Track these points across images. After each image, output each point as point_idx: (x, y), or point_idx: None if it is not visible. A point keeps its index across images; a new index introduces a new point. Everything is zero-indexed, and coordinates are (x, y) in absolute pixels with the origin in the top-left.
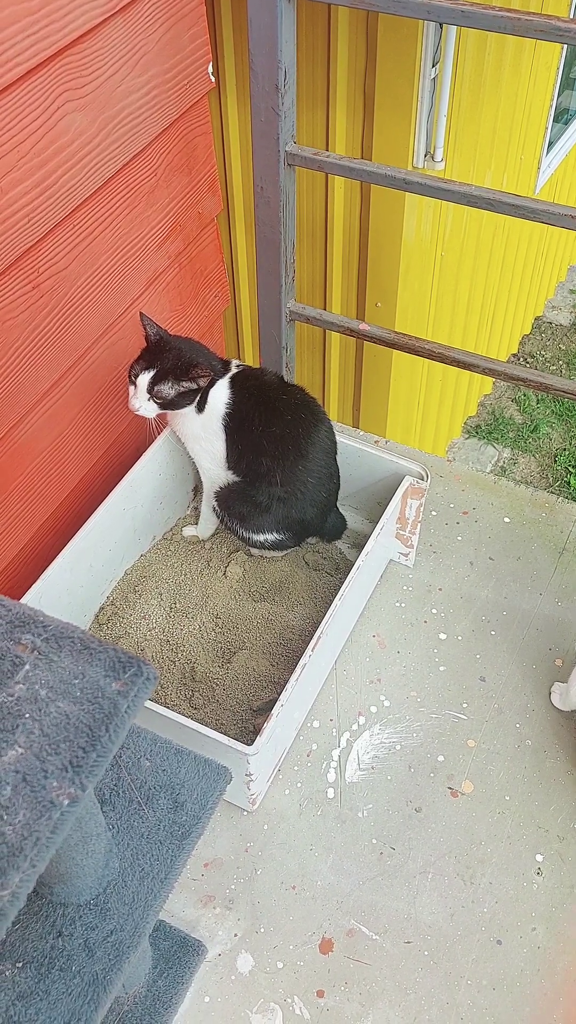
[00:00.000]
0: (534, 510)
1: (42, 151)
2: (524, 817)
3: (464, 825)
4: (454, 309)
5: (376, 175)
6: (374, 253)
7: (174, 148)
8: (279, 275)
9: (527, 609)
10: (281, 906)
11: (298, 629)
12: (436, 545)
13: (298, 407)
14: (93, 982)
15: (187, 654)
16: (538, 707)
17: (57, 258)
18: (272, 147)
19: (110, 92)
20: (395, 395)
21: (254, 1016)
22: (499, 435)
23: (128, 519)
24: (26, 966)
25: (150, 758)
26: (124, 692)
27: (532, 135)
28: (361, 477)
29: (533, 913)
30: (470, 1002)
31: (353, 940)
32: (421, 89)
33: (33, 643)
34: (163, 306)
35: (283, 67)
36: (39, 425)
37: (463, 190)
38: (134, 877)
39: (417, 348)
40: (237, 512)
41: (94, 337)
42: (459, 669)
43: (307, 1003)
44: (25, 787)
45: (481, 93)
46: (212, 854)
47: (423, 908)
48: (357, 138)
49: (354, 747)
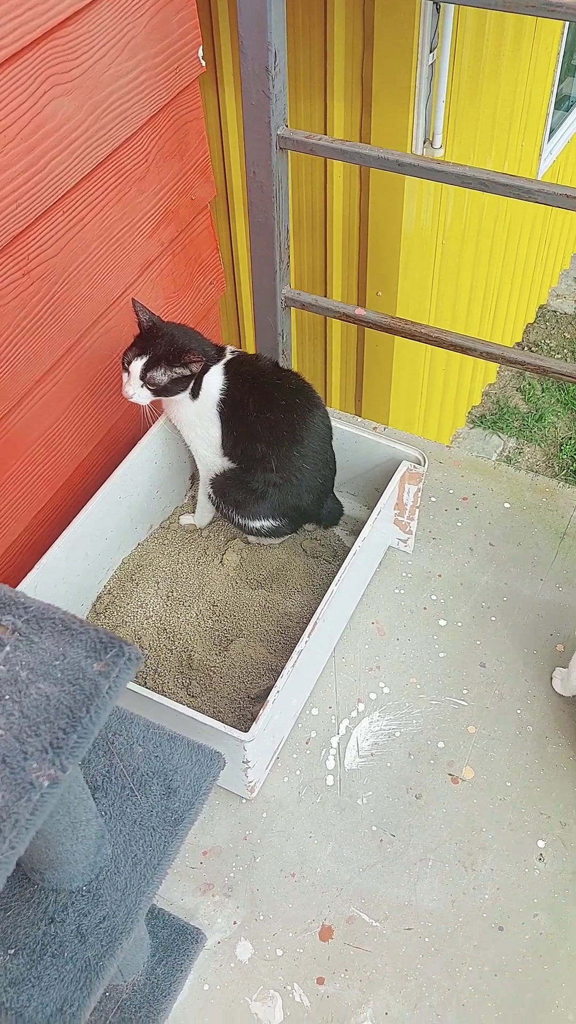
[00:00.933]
0: (534, 495)
1: (29, 136)
2: (525, 803)
3: (465, 811)
4: (456, 298)
5: (369, 157)
6: (374, 242)
7: (165, 133)
8: (273, 261)
9: (528, 595)
10: (280, 894)
11: (296, 616)
12: (435, 531)
13: (293, 392)
14: (85, 968)
15: (184, 642)
16: (539, 693)
17: (47, 244)
18: (263, 131)
19: (98, 76)
20: (397, 384)
21: (253, 1004)
22: (504, 424)
23: (124, 508)
24: (18, 952)
25: (143, 744)
26: (105, 673)
27: (533, 122)
28: (358, 463)
29: (535, 899)
30: (471, 988)
31: (353, 927)
32: (419, 75)
33: (13, 624)
34: (157, 293)
35: (273, 49)
36: (33, 413)
37: (458, 171)
38: (127, 863)
39: (414, 333)
40: (233, 499)
41: (87, 325)
42: (459, 655)
43: (307, 990)
44: (4, 768)
45: (480, 79)
46: (211, 842)
47: (424, 895)
48: (355, 125)
49: (353, 734)
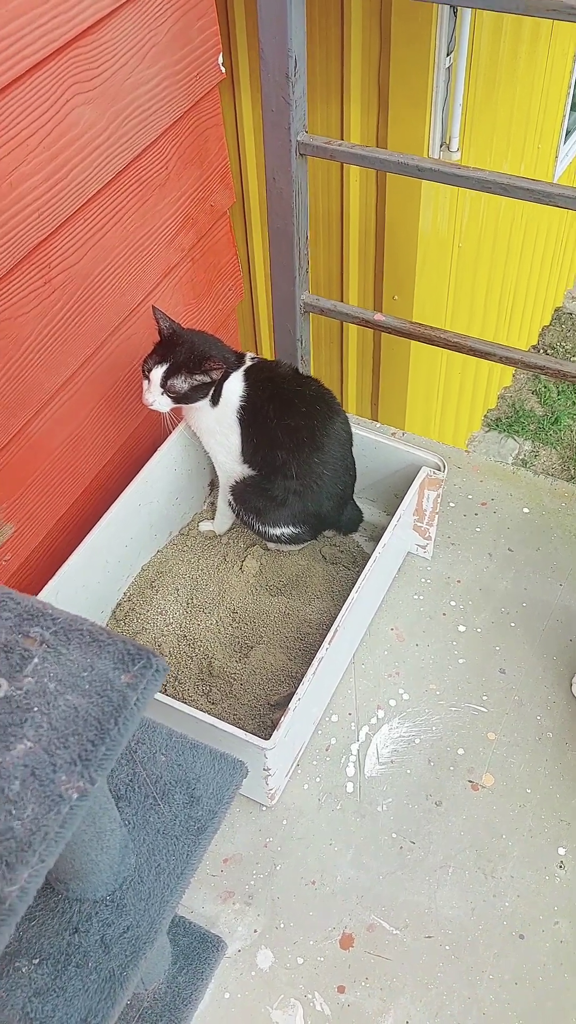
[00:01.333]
0: (554, 500)
1: (51, 145)
2: (546, 810)
3: (485, 818)
4: (472, 301)
5: (388, 162)
6: (390, 246)
7: (185, 140)
8: (293, 267)
9: (547, 600)
10: (301, 901)
11: (315, 623)
12: (454, 537)
13: (313, 399)
14: (110, 978)
15: (204, 649)
16: (559, 699)
17: (68, 253)
18: (283, 137)
19: (119, 84)
20: (414, 388)
21: (274, 1012)
22: (520, 428)
23: (144, 515)
24: (43, 962)
25: (165, 753)
26: (133, 685)
27: (549, 125)
28: (377, 469)
29: (556, 907)
30: (492, 997)
31: (373, 935)
32: (436, 79)
33: (42, 636)
34: (177, 300)
35: (293, 56)
36: (54, 421)
37: (476, 176)
38: (150, 873)
39: (432, 338)
40: (253, 506)
41: (108, 332)
42: (478, 661)
43: (328, 999)
44: (34, 781)
45: (497, 82)
46: (231, 850)
47: (444, 902)
48: (372, 130)
49: (373, 741)
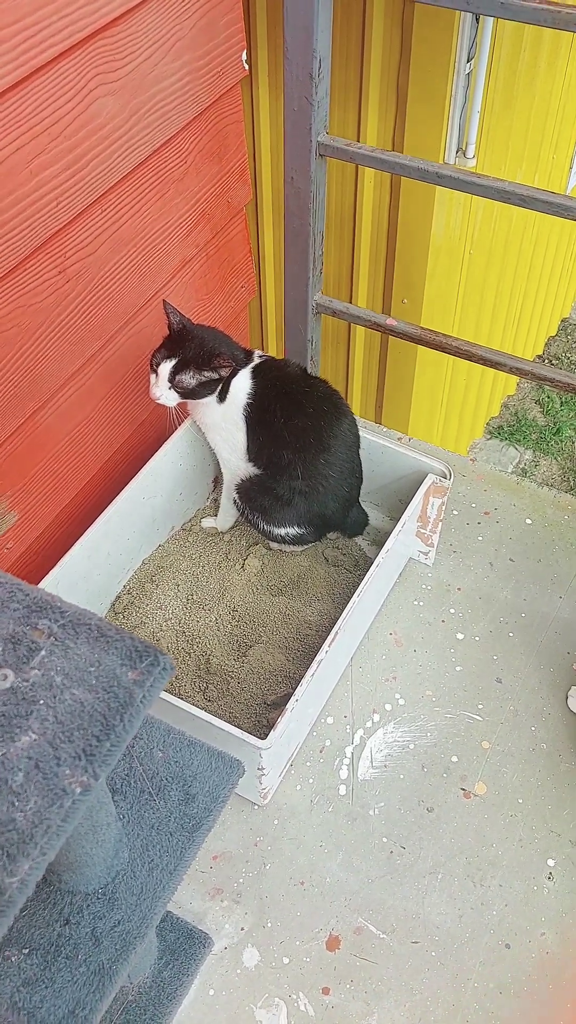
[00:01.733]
0: (556, 512)
1: (73, 134)
2: (537, 821)
3: (476, 827)
4: (480, 308)
5: (408, 168)
6: (402, 249)
7: (205, 136)
8: (307, 267)
9: (546, 612)
10: (289, 901)
11: (315, 624)
12: (456, 545)
13: (321, 400)
14: (99, 971)
15: (203, 646)
16: (554, 711)
17: (84, 243)
18: (304, 137)
19: (143, 77)
20: (419, 392)
21: (258, 1011)
22: (521, 436)
23: (147, 508)
24: (32, 953)
25: (163, 749)
26: (140, 682)
27: (565, 134)
28: (383, 474)
29: (543, 918)
30: (476, 1005)
31: (360, 938)
32: (455, 85)
33: (50, 629)
34: (189, 295)
35: (318, 56)
36: (61, 411)
37: (497, 186)
38: (143, 868)
39: (443, 345)
40: (259, 505)
41: (119, 324)
42: (475, 670)
43: (312, 1000)
44: (37, 774)
45: (515, 90)
46: (221, 847)
47: (432, 909)
48: (388, 133)
49: (367, 744)
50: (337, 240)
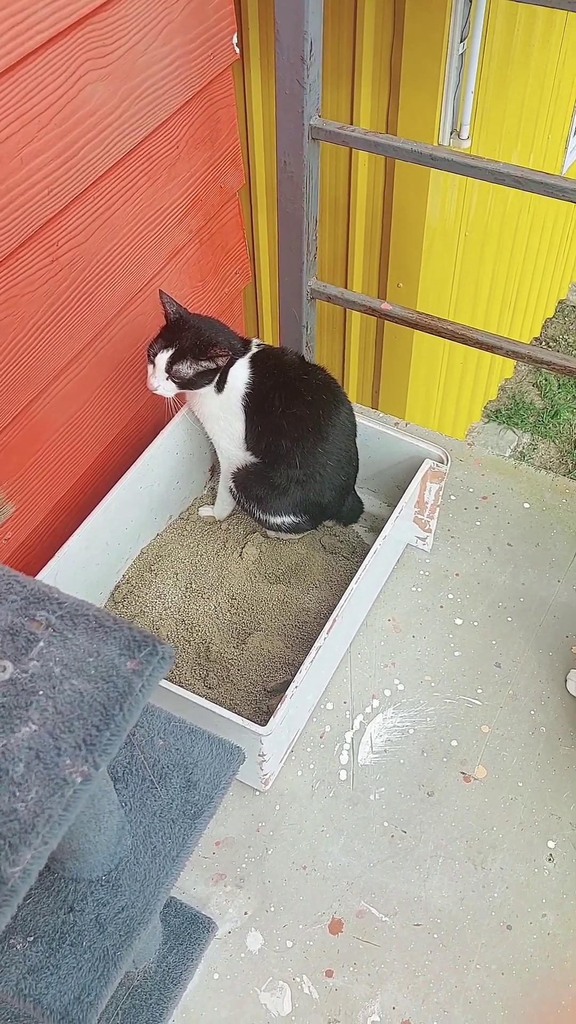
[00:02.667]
0: (554, 496)
1: (63, 121)
2: (536, 803)
3: (476, 810)
4: (476, 291)
5: (402, 151)
6: (397, 232)
7: (197, 120)
8: (301, 252)
9: (545, 596)
10: (292, 886)
11: (313, 611)
12: (454, 530)
13: (319, 388)
14: (103, 958)
15: (202, 634)
16: (553, 694)
17: (77, 231)
18: (296, 120)
19: (133, 62)
20: (415, 377)
21: (263, 994)
22: (519, 420)
23: (144, 498)
24: (37, 940)
25: (163, 737)
26: (139, 671)
27: (560, 115)
28: (380, 460)
29: (543, 899)
30: (478, 986)
31: (363, 921)
32: (449, 65)
33: (48, 620)
34: (183, 282)
35: (309, 38)
36: (57, 401)
37: (491, 167)
38: (146, 855)
39: (440, 329)
40: (255, 494)
41: (113, 313)
42: (474, 654)
43: (316, 982)
44: (38, 764)
45: (509, 70)
46: (224, 833)
47: (433, 891)
48: (382, 115)
49: (367, 730)
50: (331, 225)
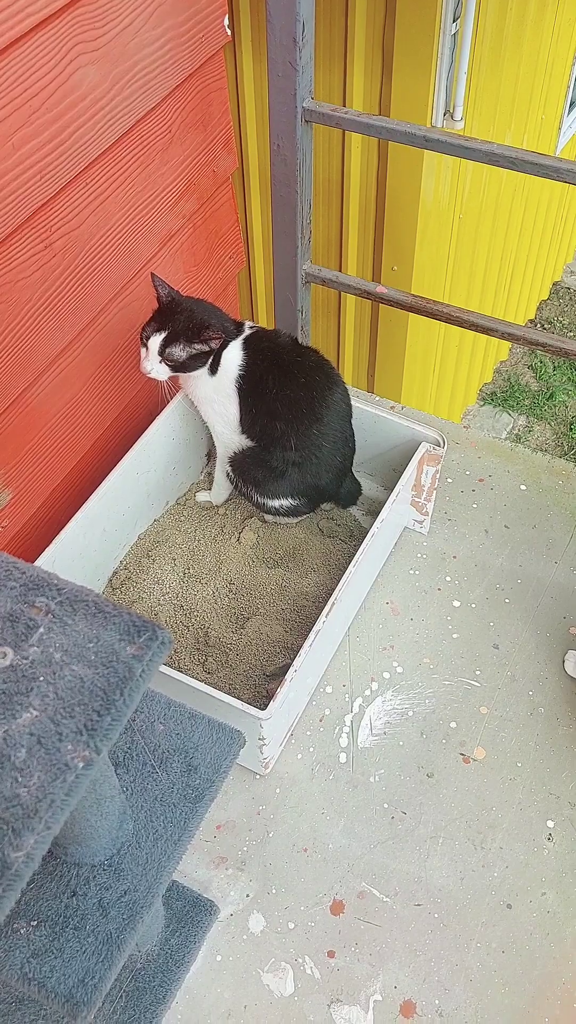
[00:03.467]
0: (551, 478)
1: (55, 106)
2: (535, 783)
3: (475, 791)
4: (471, 273)
5: (396, 132)
6: (391, 215)
7: (189, 104)
8: (295, 236)
9: (542, 577)
10: (293, 868)
11: (312, 595)
12: (451, 512)
13: (313, 370)
14: (107, 941)
15: (201, 619)
16: (551, 675)
17: (70, 216)
18: (289, 103)
19: (124, 45)
20: (411, 360)
21: (265, 975)
22: (515, 402)
23: (141, 484)
24: (41, 924)
25: (164, 722)
26: (139, 656)
27: (553, 95)
28: (376, 443)
29: (543, 878)
30: (479, 964)
31: (364, 902)
32: (441, 45)
33: (47, 606)
34: (177, 267)
35: (301, 19)
36: (52, 387)
37: (485, 148)
38: (148, 839)
39: (435, 312)
40: (252, 478)
41: (107, 298)
42: (472, 636)
43: (318, 963)
44: (40, 749)
45: (502, 50)
46: (225, 816)
47: (434, 872)
48: (375, 96)
49: (367, 712)
50: (325, 208)
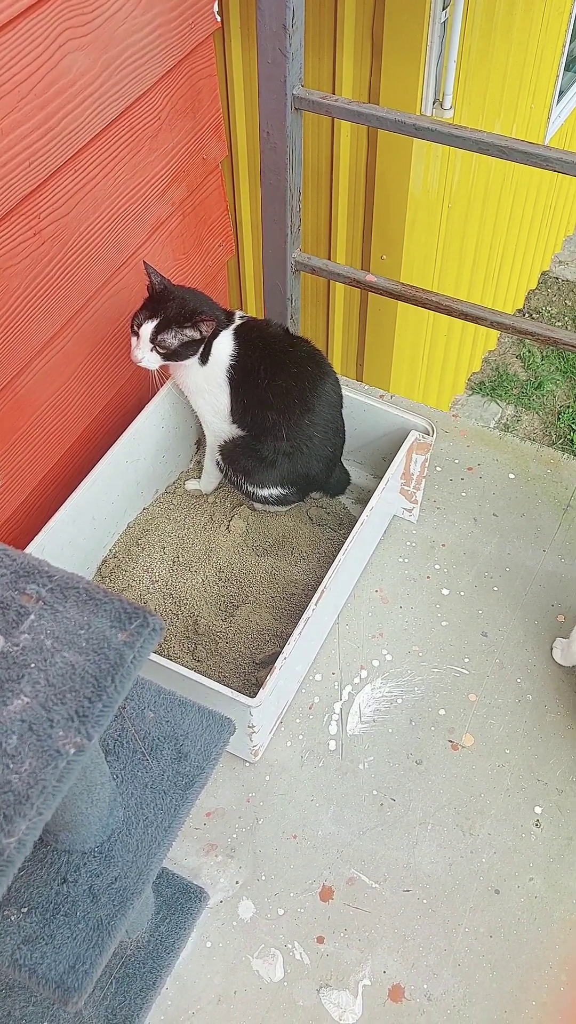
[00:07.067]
0: (539, 466)
1: (43, 92)
2: (523, 770)
3: (464, 777)
4: (460, 263)
5: (386, 120)
6: (380, 204)
7: (178, 90)
8: (284, 224)
9: (530, 565)
10: (282, 855)
11: (301, 583)
12: (440, 501)
13: (304, 360)
14: (97, 927)
15: (190, 607)
16: (539, 662)
17: (59, 203)
18: (279, 90)
19: (113, 31)
20: (399, 349)
21: (255, 961)
22: (503, 392)
23: (130, 472)
24: (31, 911)
25: (154, 709)
26: (130, 643)
27: (543, 84)
28: (366, 431)
29: (531, 863)
30: (467, 949)
31: (353, 888)
32: (431, 33)
33: (38, 593)
34: (166, 255)
35: (291, 6)
36: (41, 375)
37: (475, 137)
38: (138, 826)
39: (424, 300)
40: (242, 467)
41: (97, 286)
42: (461, 624)
43: (307, 949)
44: (31, 736)
45: (492, 39)
46: (214, 804)
47: (422, 858)
48: (364, 84)
49: (356, 700)
50: (314, 196)
